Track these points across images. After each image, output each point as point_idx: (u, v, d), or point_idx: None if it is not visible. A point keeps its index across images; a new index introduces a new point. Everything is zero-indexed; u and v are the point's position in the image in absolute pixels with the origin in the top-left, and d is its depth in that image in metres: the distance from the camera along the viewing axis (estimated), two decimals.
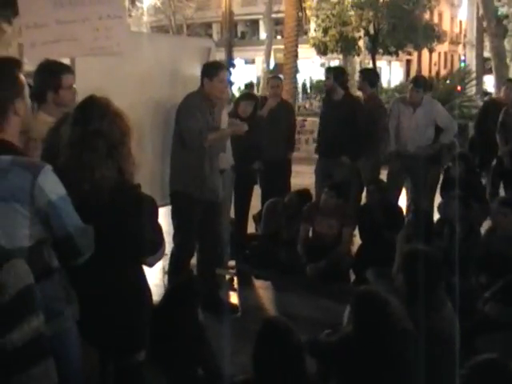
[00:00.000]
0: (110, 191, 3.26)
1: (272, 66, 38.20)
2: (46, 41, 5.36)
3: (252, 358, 3.54)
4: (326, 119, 8.76)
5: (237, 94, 20.26)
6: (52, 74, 4.52)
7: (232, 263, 7.80)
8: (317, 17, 34.57)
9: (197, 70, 6.50)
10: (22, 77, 3.10)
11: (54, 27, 5.39)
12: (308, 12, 34.85)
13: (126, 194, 3.34)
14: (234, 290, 7.35)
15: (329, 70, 8.79)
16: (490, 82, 33.38)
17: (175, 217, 6.30)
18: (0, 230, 2.77)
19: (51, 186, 2.94)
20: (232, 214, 8.06)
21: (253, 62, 52.08)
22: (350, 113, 8.26)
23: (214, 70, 6.21)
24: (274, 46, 37.27)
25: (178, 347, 3.81)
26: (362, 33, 33.32)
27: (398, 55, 38.01)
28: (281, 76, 14.17)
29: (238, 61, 41.38)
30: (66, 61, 5.21)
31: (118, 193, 3.30)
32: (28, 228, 2.87)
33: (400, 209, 8.47)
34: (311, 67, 48.57)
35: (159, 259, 3.83)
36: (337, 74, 8.59)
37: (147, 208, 3.46)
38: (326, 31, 34.04)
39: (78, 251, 3.08)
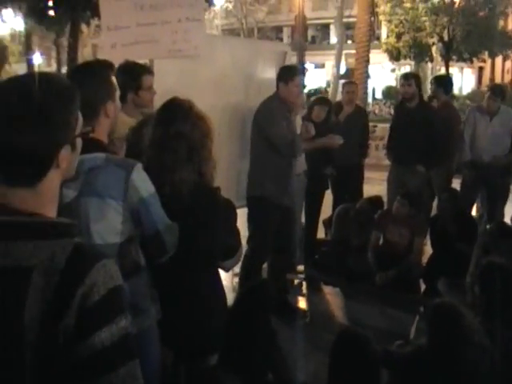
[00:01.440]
0: (189, 194, 3.28)
1: (342, 70, 38.04)
2: (125, 42, 5.45)
3: (329, 367, 3.50)
4: (400, 126, 8.63)
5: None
6: (132, 75, 4.57)
7: (301, 268, 7.77)
8: (390, 22, 34.32)
9: (272, 74, 6.51)
10: (114, 80, 3.13)
11: (134, 29, 5.47)
12: (381, 17, 34.65)
13: (205, 197, 3.36)
14: (303, 295, 7.32)
15: (409, 77, 8.61)
16: None
17: (252, 221, 6.30)
18: (94, 225, 2.82)
19: (143, 183, 2.98)
20: (302, 219, 8.04)
21: (322, 66, 52.00)
22: (426, 120, 8.12)
23: (290, 75, 6.21)
24: (344, 51, 37.12)
25: (250, 352, 3.80)
26: (435, 39, 32.89)
27: (471, 62, 37.43)
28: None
29: (308, 65, 41.35)
30: (145, 62, 5.28)
31: (198, 195, 3.31)
32: (120, 224, 2.91)
33: (473, 219, 8.33)
34: (381, 73, 48.22)
35: (236, 263, 3.83)
36: (418, 81, 8.46)
37: (226, 211, 3.46)
38: (399, 37, 33.78)
39: (164, 248, 3.13)
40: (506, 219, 8.05)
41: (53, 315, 1.61)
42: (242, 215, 6.27)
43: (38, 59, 45.15)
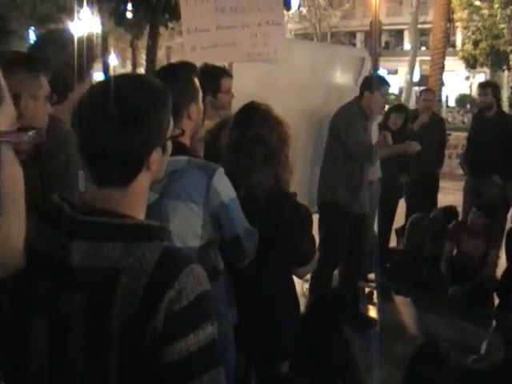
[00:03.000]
0: (265, 197, 3.26)
1: (416, 77, 37.63)
2: (205, 45, 5.47)
3: (405, 377, 3.45)
4: (477, 136, 8.46)
5: None
6: (211, 78, 4.58)
7: (372, 276, 7.69)
8: (466, 29, 33.84)
9: (350, 80, 6.46)
10: (197, 82, 3.14)
11: (214, 32, 5.49)
12: (457, 24, 34.19)
13: (282, 202, 3.35)
14: (373, 304, 7.25)
15: (486, 86, 8.44)
16: None
17: (323, 227, 6.24)
18: (175, 228, 2.79)
19: (224, 187, 2.98)
20: (375, 227, 7.96)
21: (395, 72, 51.52)
22: (504, 131, 7.95)
23: (378, 84, 6.16)
24: (418, 58, 36.72)
25: (323, 359, 3.77)
26: None
27: None
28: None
29: (382, 71, 41.04)
30: (223, 65, 5.30)
31: (274, 199, 3.30)
32: (200, 228, 2.92)
33: None
34: (455, 80, 47.54)
35: (310, 270, 3.80)
36: (495, 91, 8.28)
37: (303, 217, 3.43)
38: (476, 44, 33.26)
39: (244, 253, 3.12)
40: None
41: (140, 318, 1.61)
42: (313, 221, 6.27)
43: (113, 60, 45.95)
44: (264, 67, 5.70)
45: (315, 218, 6.16)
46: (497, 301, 7.21)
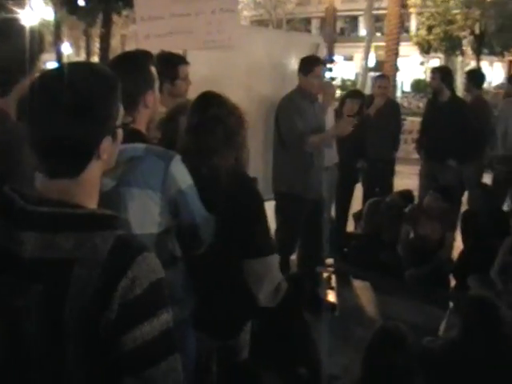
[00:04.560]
0: (227, 178, 3.27)
1: (371, 63, 37.83)
2: (159, 33, 5.45)
3: (364, 359, 3.48)
4: (431, 121, 8.56)
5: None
6: (169, 65, 4.55)
7: (330, 261, 7.74)
8: (420, 14, 34.14)
9: None
10: (154, 70, 3.12)
11: (168, 20, 5.47)
12: (411, 10, 34.45)
13: (243, 185, 3.35)
14: (332, 288, 7.29)
15: (435, 70, 8.57)
16: None
17: (279, 214, 6.27)
18: (133, 215, 2.81)
19: (182, 174, 2.97)
20: (333, 212, 8.02)
21: (351, 58, 51.78)
22: (457, 115, 8.04)
23: (309, 66, 6.14)
24: (373, 43, 36.91)
25: (284, 345, 3.80)
26: (467, 32, 32.62)
27: (503, 56, 37.08)
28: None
29: (337, 57, 41.17)
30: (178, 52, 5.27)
31: (236, 182, 3.31)
32: (158, 215, 2.90)
33: (505, 214, 8.26)
34: (410, 65, 47.93)
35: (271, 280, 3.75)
36: (443, 75, 8.37)
37: (260, 204, 3.44)
38: (429, 29, 33.56)
39: (201, 240, 3.12)
40: None
41: (95, 309, 1.60)
42: (269, 208, 6.28)
43: (67, 49, 45.37)
44: (219, 54, 5.69)
45: (269, 205, 6.23)
46: (453, 282, 7.33)
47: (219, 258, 3.28)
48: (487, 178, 8.62)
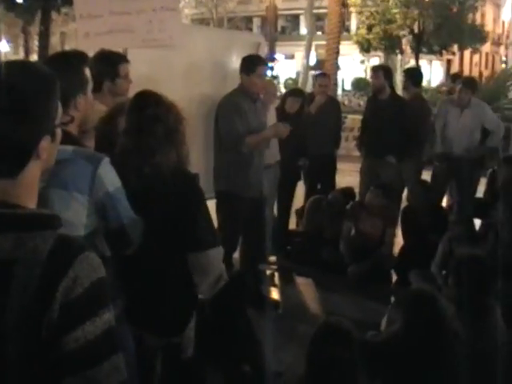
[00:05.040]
0: (170, 176, 3.27)
1: (312, 61, 38.08)
2: (99, 31, 5.40)
3: (308, 355, 3.51)
4: (371, 118, 8.67)
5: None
6: (109, 64, 4.51)
7: (273, 259, 7.78)
8: (360, 14, 34.49)
9: None
10: (87, 72, 3.10)
11: (108, 18, 5.42)
12: (352, 9, 34.78)
13: (186, 181, 3.36)
14: (275, 285, 7.34)
15: (378, 69, 8.67)
16: None
17: (220, 213, 6.26)
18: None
19: (110, 177, 2.96)
20: (275, 210, 8.05)
21: (292, 57, 52.04)
22: (397, 112, 8.16)
23: (252, 65, 6.11)
24: (314, 42, 37.16)
25: (228, 343, 3.81)
26: (406, 31, 33.06)
27: (441, 55, 37.69)
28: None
29: (278, 56, 41.35)
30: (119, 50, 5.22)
31: (179, 178, 3.31)
32: (85, 217, 2.88)
33: (444, 210, 8.43)
34: (350, 64, 48.40)
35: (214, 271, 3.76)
36: (386, 73, 8.50)
37: (203, 199, 3.46)
38: (369, 28, 33.93)
39: (129, 242, 3.11)
40: None
41: (36, 309, 1.59)
42: (211, 207, 6.26)
43: (4, 47, 44.57)
44: (160, 53, 5.65)
45: (211, 203, 6.22)
46: (395, 277, 7.44)
47: (160, 255, 3.28)
48: (426, 175, 8.75)
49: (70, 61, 3.11)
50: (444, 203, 9.20)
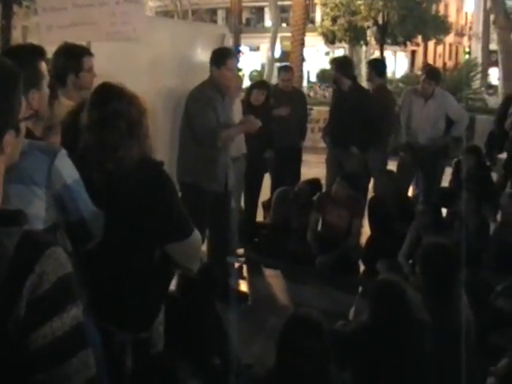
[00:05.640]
0: (135, 168, 3.25)
1: (277, 53, 38.08)
2: (62, 24, 5.35)
3: (277, 347, 3.52)
4: (334, 110, 8.71)
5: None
6: (73, 57, 4.47)
7: (241, 251, 7.78)
8: (325, 5, 34.51)
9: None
10: (43, 67, 3.06)
11: (71, 11, 5.37)
12: (317, 0, 34.78)
13: (152, 170, 3.34)
14: (244, 278, 7.34)
15: (331, 61, 8.73)
16: (494, 75, 33.40)
17: (184, 206, 6.22)
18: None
19: (67, 169, 2.92)
20: (242, 202, 8.05)
21: (257, 49, 51.97)
22: (358, 103, 8.21)
23: (222, 58, 6.09)
24: (279, 34, 37.15)
25: (197, 337, 3.80)
26: (370, 23, 33.16)
27: (405, 46, 37.89)
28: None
29: (243, 48, 41.28)
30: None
31: (145, 168, 3.29)
32: (44, 211, 2.84)
33: (410, 200, 8.51)
34: (316, 56, 48.47)
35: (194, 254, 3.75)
36: (339, 65, 8.54)
37: (173, 186, 3.45)
38: (334, 20, 33.98)
39: (90, 236, 3.08)
40: None
41: (2, 305, 1.57)
42: None
43: None
44: (124, 46, 5.61)
45: None
46: (362, 268, 7.49)
47: (126, 250, 3.26)
48: (392, 165, 8.81)
49: (23, 55, 3.05)
50: (410, 193, 9.28)
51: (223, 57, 6.11)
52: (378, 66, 9.04)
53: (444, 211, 7.47)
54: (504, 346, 3.70)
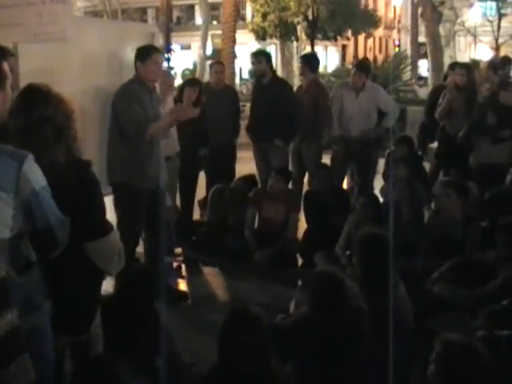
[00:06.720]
0: (62, 170, 3.21)
1: (209, 51, 38.03)
2: None
3: (219, 344, 3.52)
4: (256, 103, 8.72)
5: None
6: None
7: (179, 250, 7.76)
8: (255, 2, 34.58)
9: None
10: (6, 67, 3.01)
11: None
12: None
13: (78, 169, 3.31)
14: (183, 277, 7.32)
15: (259, 54, 8.73)
16: (424, 67, 34.01)
17: (118, 207, 6.15)
18: None
19: (35, 175, 2.88)
20: (177, 201, 8.03)
21: (189, 47, 51.77)
22: (280, 95, 8.27)
23: (147, 53, 6.03)
24: (210, 32, 37.12)
25: (137, 337, 3.77)
26: (300, 18, 33.34)
27: (336, 40, 38.23)
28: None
29: (174, 46, 41.08)
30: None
31: (71, 169, 3.26)
32: (11, 218, 2.79)
33: (345, 192, 8.61)
34: (247, 53, 48.49)
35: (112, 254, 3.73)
36: (268, 58, 8.61)
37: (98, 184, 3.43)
38: (264, 16, 34.08)
39: (56, 243, 3.03)
40: (375, 191, 8.33)
41: None
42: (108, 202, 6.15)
43: None
44: (53, 46, 5.54)
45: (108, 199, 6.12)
46: (301, 261, 7.54)
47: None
48: (326, 159, 8.89)
49: None
50: (344, 185, 9.39)
51: (148, 51, 6.06)
52: (310, 61, 9.10)
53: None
54: (441, 331, 3.77)
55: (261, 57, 8.52)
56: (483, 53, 38.95)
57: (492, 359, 3.28)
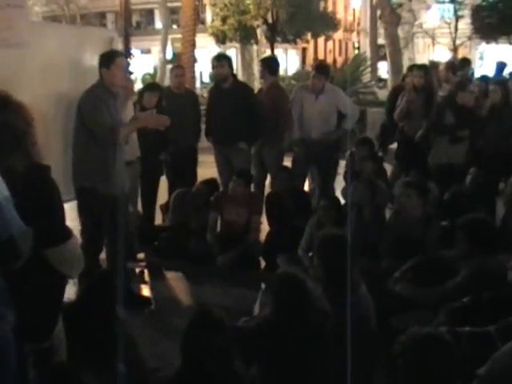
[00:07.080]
0: (20, 177, 3.19)
1: (169, 55, 37.92)
2: None
3: (182, 348, 3.52)
4: (216, 108, 8.65)
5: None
6: None
7: (141, 256, 7.73)
8: (215, 6, 34.59)
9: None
10: None
11: None
12: (206, 1, 34.78)
13: (37, 174, 3.29)
14: (146, 282, 7.29)
15: (222, 58, 8.72)
16: (383, 69, 34.31)
17: (82, 213, 6.12)
18: None
19: None
20: (139, 206, 8.00)
21: (149, 51, 51.58)
22: (242, 98, 8.29)
23: (111, 58, 6.03)
24: (170, 36, 37.00)
25: (100, 344, 3.75)
26: (260, 21, 33.41)
27: (295, 43, 38.37)
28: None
29: (134, 51, 40.89)
30: None
31: (30, 174, 3.24)
32: None
33: (307, 194, 8.65)
34: (208, 56, 48.46)
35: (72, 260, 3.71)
36: (230, 62, 8.63)
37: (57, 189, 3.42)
38: (224, 20, 34.11)
39: (18, 254, 2.99)
40: (337, 193, 8.39)
41: None
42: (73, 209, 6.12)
43: None
44: (11, 52, 5.49)
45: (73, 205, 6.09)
46: (263, 263, 7.56)
47: None
48: (287, 161, 8.92)
49: None
50: (306, 187, 9.43)
51: (111, 56, 6.07)
52: (270, 65, 9.09)
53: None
54: (404, 330, 3.79)
55: (223, 61, 8.51)
56: (441, 54, 39.33)
57: (457, 348, 3.30)
